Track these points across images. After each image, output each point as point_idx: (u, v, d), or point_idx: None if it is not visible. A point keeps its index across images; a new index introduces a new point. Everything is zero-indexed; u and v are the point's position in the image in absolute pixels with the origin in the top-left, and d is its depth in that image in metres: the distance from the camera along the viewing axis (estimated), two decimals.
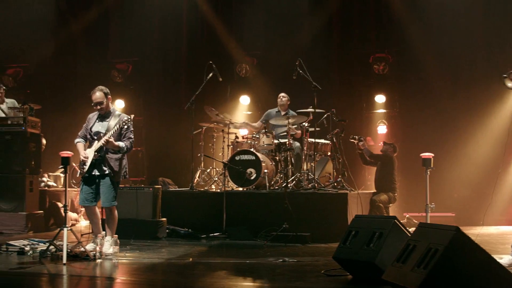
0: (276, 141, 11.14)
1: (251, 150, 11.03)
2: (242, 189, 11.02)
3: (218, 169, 12.07)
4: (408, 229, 6.19)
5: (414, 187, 12.69)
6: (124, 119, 7.91)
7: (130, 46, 15.72)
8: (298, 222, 9.54)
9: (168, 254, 8.18)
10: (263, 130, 11.27)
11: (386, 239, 5.94)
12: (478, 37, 13.41)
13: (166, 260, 7.72)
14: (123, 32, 16.02)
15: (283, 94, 12.09)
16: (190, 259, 7.87)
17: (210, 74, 11.34)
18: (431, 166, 8.29)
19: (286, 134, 11.26)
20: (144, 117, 15.26)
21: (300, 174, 10.94)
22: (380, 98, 14.30)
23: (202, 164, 12.24)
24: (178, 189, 11.93)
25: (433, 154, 8.36)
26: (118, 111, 8.38)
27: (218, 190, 11.26)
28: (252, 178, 10.75)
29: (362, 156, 12.00)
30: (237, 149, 11.47)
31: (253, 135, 11.49)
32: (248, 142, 11.54)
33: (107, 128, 7.98)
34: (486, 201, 9.40)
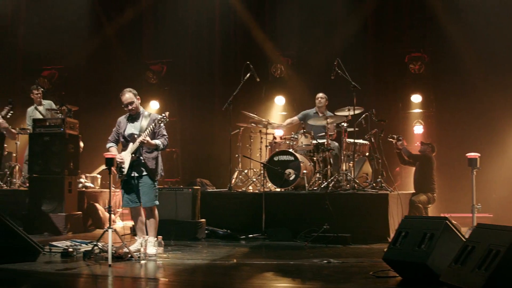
0: (314, 141, 11.07)
1: (290, 150, 10.96)
2: (280, 189, 10.97)
3: (255, 169, 12.02)
4: (459, 230, 6.10)
5: (451, 187, 12.58)
6: (158, 117, 7.95)
7: (164, 48, 15.78)
8: (338, 223, 9.45)
9: (210, 255, 8.13)
10: (302, 131, 11.21)
11: (438, 240, 5.83)
12: None
13: (210, 261, 7.68)
14: (157, 33, 16.09)
15: (321, 95, 12.01)
16: (234, 260, 7.81)
17: (248, 75, 11.30)
18: (477, 166, 8.15)
19: (324, 135, 11.19)
20: (178, 118, 15.27)
21: (338, 174, 10.85)
22: (416, 98, 14.18)
23: (240, 165, 12.20)
24: (217, 190, 11.89)
25: (479, 154, 8.22)
26: (146, 111, 8.40)
27: (256, 191, 11.22)
28: (291, 178, 10.69)
29: (400, 155, 11.87)
30: (275, 149, 11.42)
31: (291, 136, 11.42)
32: (286, 142, 11.47)
33: (140, 128, 8.01)
34: None
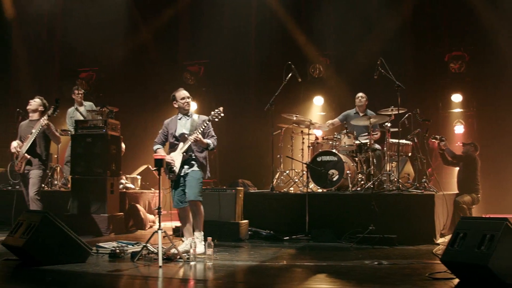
0: (357, 141, 10.99)
1: (334, 151, 10.88)
2: (322, 190, 10.89)
3: (297, 170, 11.96)
4: None
5: (493, 188, 12.41)
6: (212, 113, 8.09)
7: (201, 48, 15.80)
8: (383, 224, 9.31)
9: (259, 257, 8.07)
10: (344, 131, 11.13)
11: (499, 242, 5.73)
12: None
13: (259, 262, 7.60)
14: (194, 34, 16.16)
15: (362, 95, 11.91)
16: (284, 262, 7.75)
17: (289, 75, 11.23)
18: None
19: (366, 135, 11.09)
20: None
21: (381, 175, 10.75)
22: (456, 97, 14.06)
23: (282, 165, 12.14)
24: (259, 190, 11.84)
25: None
26: (195, 114, 8.52)
27: (298, 192, 11.14)
28: (334, 179, 10.62)
29: (443, 156, 11.74)
30: (318, 150, 11.34)
31: (334, 136, 11.34)
32: (329, 143, 11.39)
33: (190, 128, 8.12)
34: None
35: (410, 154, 11.42)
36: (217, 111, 8.07)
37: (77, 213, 10.90)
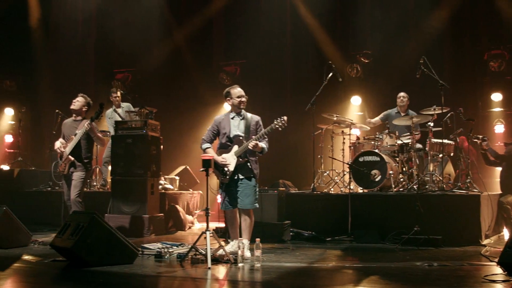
0: (399, 141, 10.88)
1: (376, 151, 10.77)
2: (363, 190, 10.79)
3: (337, 170, 11.87)
4: None
5: None
6: (275, 122, 7.81)
7: (236, 49, 15.75)
8: (427, 225, 9.19)
9: (306, 258, 8.00)
10: (386, 131, 11.02)
11: None
12: None
13: (308, 264, 7.55)
14: (229, 34, 16.15)
15: (403, 94, 11.78)
16: (333, 263, 7.68)
17: (330, 74, 11.15)
18: None
19: (408, 134, 10.97)
20: None
21: (424, 175, 10.62)
22: (496, 96, 13.86)
23: (322, 166, 12.06)
24: (300, 191, 11.77)
25: None
26: (248, 113, 8.30)
27: (339, 192, 11.06)
28: (377, 179, 10.51)
29: (486, 156, 11.56)
30: (359, 150, 11.25)
31: (375, 136, 11.24)
32: (371, 142, 11.28)
33: (244, 129, 7.95)
34: None
35: (452, 154, 11.26)
36: (280, 120, 7.77)
37: (117, 214, 10.90)
